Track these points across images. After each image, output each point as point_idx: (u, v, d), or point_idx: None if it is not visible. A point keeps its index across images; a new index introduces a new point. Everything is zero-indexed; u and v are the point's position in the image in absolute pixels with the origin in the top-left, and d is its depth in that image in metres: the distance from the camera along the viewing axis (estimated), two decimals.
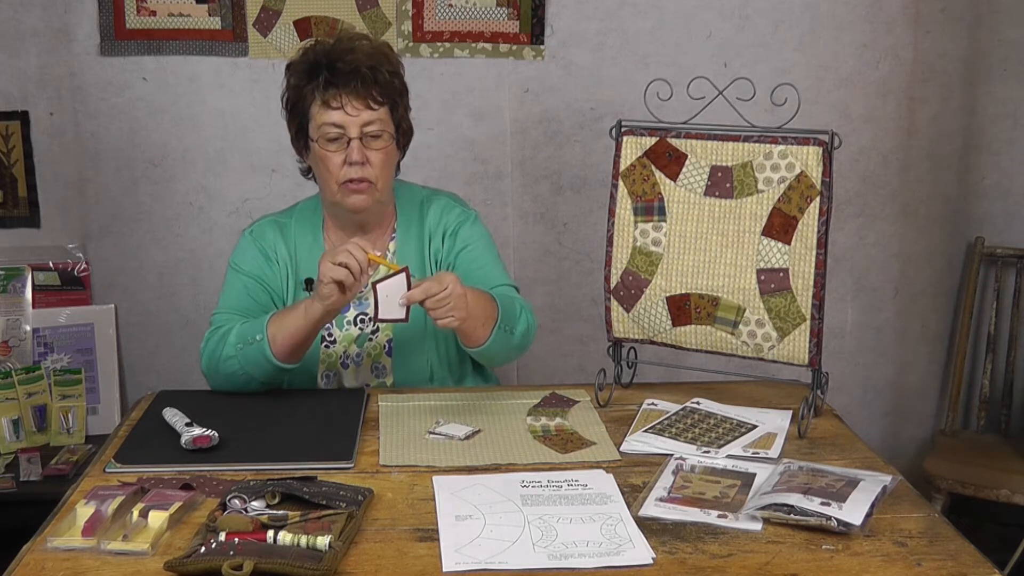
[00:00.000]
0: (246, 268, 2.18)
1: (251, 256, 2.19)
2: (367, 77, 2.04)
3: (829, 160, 1.89)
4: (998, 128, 3.19)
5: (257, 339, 2.00)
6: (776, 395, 2.11)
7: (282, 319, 2.01)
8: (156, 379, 3.03)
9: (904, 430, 3.37)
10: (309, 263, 2.17)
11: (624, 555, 1.46)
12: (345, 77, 2.03)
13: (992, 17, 3.12)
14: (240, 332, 2.03)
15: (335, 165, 2.05)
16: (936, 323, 3.32)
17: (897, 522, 1.57)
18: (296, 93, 2.09)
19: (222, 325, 2.10)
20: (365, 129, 2.05)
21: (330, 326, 2.17)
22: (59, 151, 3.03)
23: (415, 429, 1.91)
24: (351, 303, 2.17)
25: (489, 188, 3.13)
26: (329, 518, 1.51)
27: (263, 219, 2.26)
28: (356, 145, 2.04)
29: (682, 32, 3.07)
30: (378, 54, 2.08)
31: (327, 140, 2.05)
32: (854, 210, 3.20)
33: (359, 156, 2.04)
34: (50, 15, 2.95)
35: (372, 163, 2.06)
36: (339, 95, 2.03)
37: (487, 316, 1.99)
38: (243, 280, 2.17)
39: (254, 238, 2.21)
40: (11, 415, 2.80)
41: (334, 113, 2.03)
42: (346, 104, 2.03)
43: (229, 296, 2.18)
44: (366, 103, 2.04)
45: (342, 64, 2.03)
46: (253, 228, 2.23)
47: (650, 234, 2.03)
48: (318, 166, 2.10)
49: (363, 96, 2.04)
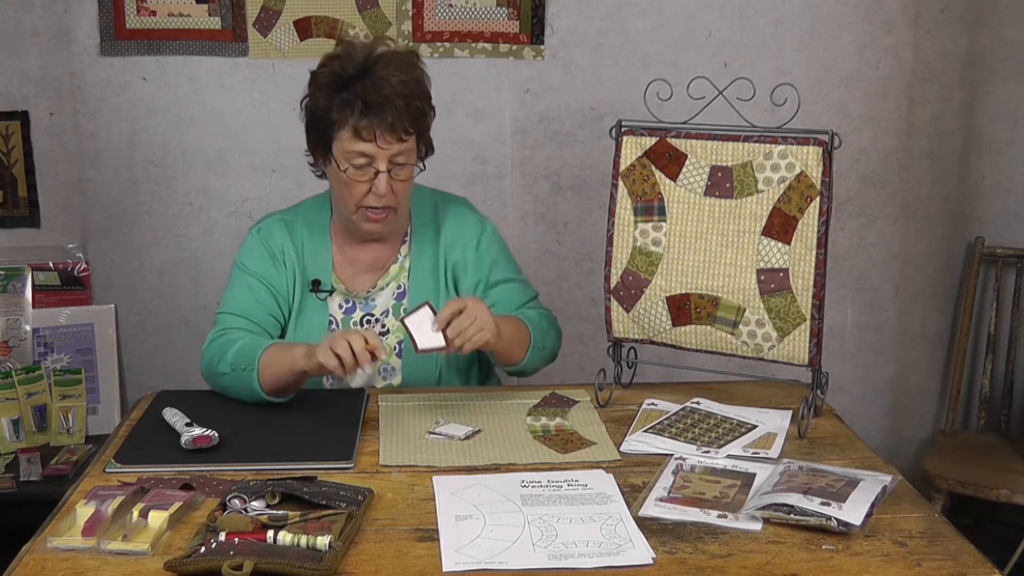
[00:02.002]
0: (252, 268, 2.17)
1: (257, 256, 2.17)
2: (401, 110, 1.99)
3: (829, 160, 1.89)
4: (998, 128, 3.19)
5: (248, 368, 1.97)
6: (776, 395, 2.11)
7: (275, 356, 1.96)
8: (156, 379, 3.03)
9: (904, 430, 3.37)
10: (316, 264, 2.17)
11: (624, 555, 1.46)
12: (379, 110, 1.98)
13: (992, 17, 3.12)
14: (237, 353, 2.00)
15: (359, 191, 2.03)
16: (936, 323, 3.32)
17: (897, 522, 1.57)
18: (323, 111, 2.03)
19: (225, 331, 2.09)
20: (394, 159, 2.02)
21: (335, 328, 2.17)
22: (59, 151, 3.03)
23: (415, 429, 1.91)
24: (357, 304, 2.17)
25: (489, 188, 3.13)
26: (329, 518, 1.51)
27: (270, 217, 2.24)
28: (384, 179, 2.01)
29: (682, 32, 3.07)
30: (412, 81, 2.03)
31: (355, 168, 2.02)
32: (854, 210, 3.21)
33: (386, 189, 2.02)
34: (50, 15, 2.95)
35: (396, 192, 2.04)
36: (372, 127, 1.98)
37: (521, 339, 2.09)
38: (248, 281, 2.16)
39: (261, 237, 2.19)
40: (11, 415, 2.80)
41: (366, 144, 1.99)
42: (379, 137, 1.99)
43: (234, 296, 2.16)
44: (398, 136, 2.00)
45: (376, 96, 1.98)
46: (260, 226, 2.21)
47: (650, 234, 2.03)
48: (339, 186, 2.07)
49: (396, 130, 1.99)
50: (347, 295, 2.18)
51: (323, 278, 2.17)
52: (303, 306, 2.17)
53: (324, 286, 2.16)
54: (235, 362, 2.00)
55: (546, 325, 2.19)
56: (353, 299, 2.18)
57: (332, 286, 2.17)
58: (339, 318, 2.18)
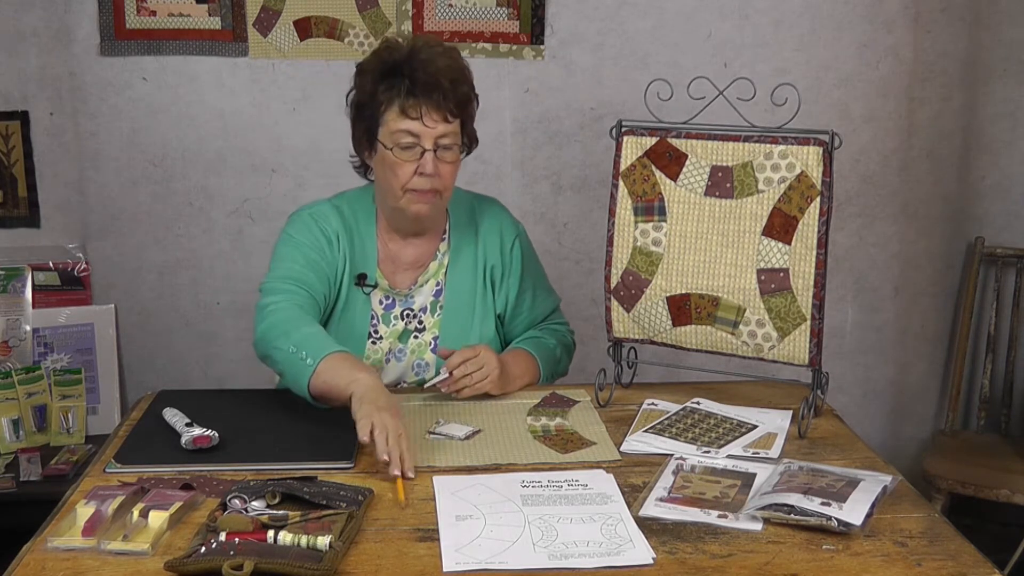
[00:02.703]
0: (307, 241, 2.11)
1: (313, 235, 2.12)
2: (447, 91, 2.02)
3: (829, 160, 1.89)
4: (998, 128, 3.19)
5: (310, 362, 1.87)
6: (776, 395, 2.11)
7: (335, 369, 1.85)
8: (156, 379, 3.03)
9: (904, 430, 3.38)
10: (363, 257, 2.16)
11: (624, 555, 1.46)
12: (426, 88, 2.01)
13: (992, 17, 3.12)
14: (306, 339, 1.91)
15: (405, 173, 2.04)
16: (936, 323, 3.32)
17: (897, 522, 1.57)
18: (369, 97, 2.05)
19: (277, 296, 2.01)
20: (440, 141, 2.03)
21: (376, 322, 2.17)
22: (59, 151, 3.03)
23: (415, 429, 1.91)
24: (397, 301, 2.18)
25: (489, 188, 3.12)
26: (329, 518, 1.51)
27: (321, 203, 2.19)
28: (430, 157, 2.03)
29: (682, 32, 3.07)
30: (457, 68, 2.06)
31: (400, 147, 2.03)
32: (854, 210, 3.21)
33: (432, 169, 2.03)
34: (50, 15, 2.95)
35: (442, 174, 2.06)
36: (418, 105, 2.01)
37: (528, 375, 2.18)
38: (303, 250, 2.10)
39: (315, 219, 2.14)
40: (11, 415, 2.80)
41: (412, 123, 2.01)
42: (425, 115, 2.01)
43: (288, 264, 2.08)
44: (444, 115, 2.02)
45: (423, 74, 2.01)
46: (312, 210, 2.17)
47: (650, 234, 2.03)
48: (385, 170, 2.07)
49: (442, 109, 2.02)
50: (388, 291, 2.18)
51: (369, 272, 2.16)
52: (349, 299, 2.16)
53: (369, 280, 2.16)
54: (300, 347, 1.89)
55: (559, 353, 2.27)
56: (394, 295, 2.18)
57: (376, 281, 2.17)
58: (380, 313, 2.17)
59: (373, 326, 2.17)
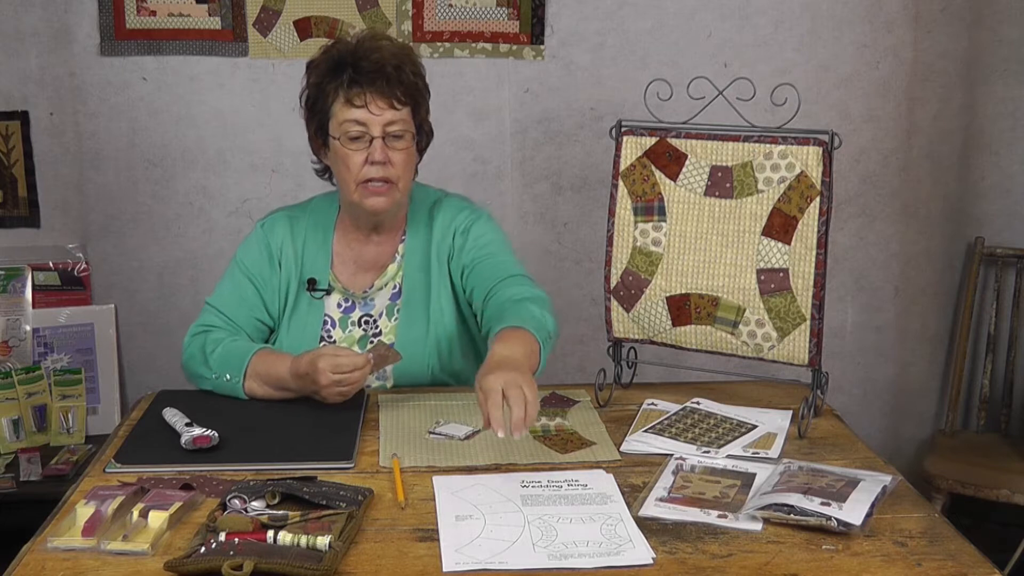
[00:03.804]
0: (247, 265, 2.17)
1: (255, 254, 2.18)
2: (392, 76, 2.01)
3: (829, 160, 1.89)
4: (998, 128, 3.19)
5: (233, 379, 2.01)
6: (776, 395, 2.11)
7: (264, 369, 2.01)
8: (156, 379, 3.03)
9: (904, 430, 3.38)
10: (314, 263, 2.17)
11: (624, 555, 1.46)
12: (370, 75, 2.00)
13: (992, 17, 3.12)
14: (220, 359, 2.04)
15: (356, 164, 2.03)
16: (936, 323, 3.32)
17: (897, 522, 1.57)
18: (317, 91, 2.06)
19: (206, 329, 2.11)
20: (388, 129, 2.02)
21: (331, 328, 2.17)
22: (59, 151, 3.03)
23: (415, 429, 1.91)
24: (357, 304, 2.17)
25: (489, 188, 3.13)
26: (329, 518, 1.51)
27: (277, 212, 2.24)
28: (379, 144, 2.02)
29: (682, 32, 3.07)
30: (402, 54, 2.06)
31: (349, 138, 2.03)
32: (854, 210, 3.21)
33: (381, 156, 2.02)
34: (50, 15, 2.95)
35: (394, 163, 2.04)
36: (363, 93, 2.00)
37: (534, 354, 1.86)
38: (239, 279, 2.16)
39: (264, 232, 2.19)
40: (11, 415, 2.80)
41: (357, 111, 2.01)
42: (370, 103, 2.01)
43: (223, 291, 2.17)
44: (390, 102, 2.02)
45: (367, 63, 2.01)
46: (265, 221, 2.22)
47: (650, 234, 2.03)
48: (338, 165, 2.08)
49: (387, 95, 2.01)
50: (346, 294, 2.17)
51: (320, 277, 2.16)
52: (297, 305, 2.17)
53: (320, 285, 2.16)
54: (219, 369, 2.03)
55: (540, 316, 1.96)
56: (352, 299, 2.18)
57: (330, 285, 2.17)
58: (337, 317, 2.17)
59: (326, 330, 2.16)
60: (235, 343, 2.07)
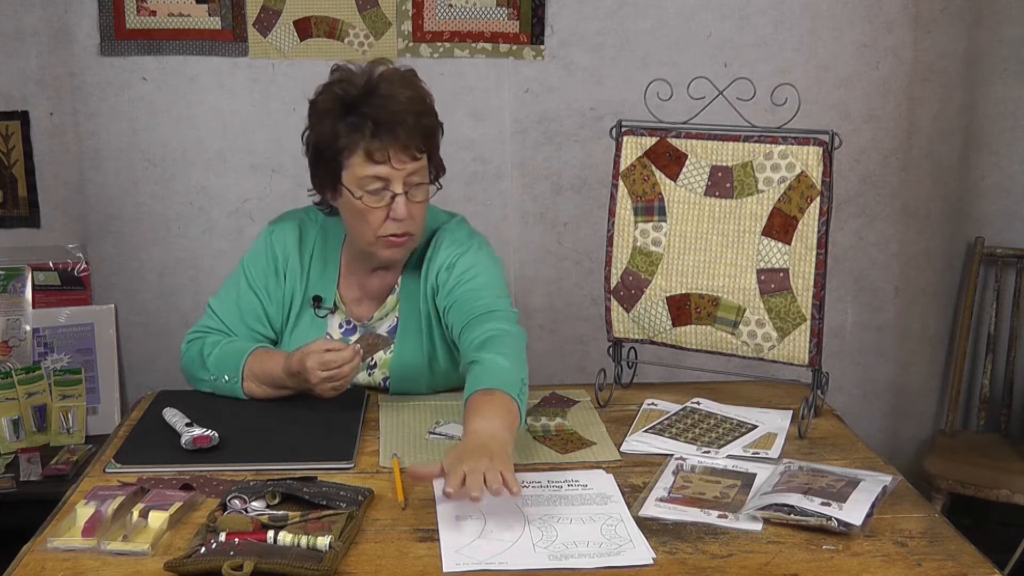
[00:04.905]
0: (252, 274, 2.12)
1: (262, 264, 2.12)
2: (412, 128, 1.91)
3: (829, 160, 1.89)
4: (998, 128, 3.19)
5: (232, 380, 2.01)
6: (776, 395, 2.11)
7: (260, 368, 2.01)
8: (156, 379, 3.03)
9: (904, 430, 3.37)
10: (321, 279, 2.11)
11: (624, 555, 1.46)
12: (390, 128, 1.89)
13: (992, 17, 3.12)
14: (217, 361, 2.04)
15: (376, 219, 1.94)
16: (936, 323, 3.32)
17: (897, 522, 1.57)
18: (329, 139, 1.93)
19: (203, 333, 2.10)
20: (409, 180, 1.93)
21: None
22: (59, 151, 3.03)
23: (415, 429, 1.91)
24: (359, 328, 2.11)
25: (489, 188, 3.13)
26: (329, 518, 1.51)
27: (288, 217, 2.16)
28: (402, 201, 1.92)
29: (682, 32, 3.07)
30: (419, 99, 1.95)
31: (369, 193, 1.92)
32: (854, 210, 3.21)
33: (404, 212, 1.93)
34: (50, 15, 2.95)
35: (414, 216, 1.96)
36: (384, 148, 1.89)
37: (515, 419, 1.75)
38: (242, 288, 2.12)
39: (272, 240, 2.12)
40: (11, 415, 2.80)
41: (379, 167, 1.90)
42: (393, 158, 1.90)
43: (226, 297, 2.14)
44: (411, 154, 1.92)
45: (385, 114, 1.89)
46: (275, 228, 2.14)
47: (650, 234, 2.03)
48: (354, 216, 1.97)
49: (408, 148, 1.91)
50: (348, 317, 2.13)
51: (326, 295, 2.11)
52: (300, 320, 2.12)
53: (326, 303, 2.11)
54: (216, 371, 2.03)
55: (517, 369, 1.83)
56: (355, 322, 2.13)
57: (335, 304, 2.12)
58: (337, 337, 2.11)
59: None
60: (231, 344, 2.06)
